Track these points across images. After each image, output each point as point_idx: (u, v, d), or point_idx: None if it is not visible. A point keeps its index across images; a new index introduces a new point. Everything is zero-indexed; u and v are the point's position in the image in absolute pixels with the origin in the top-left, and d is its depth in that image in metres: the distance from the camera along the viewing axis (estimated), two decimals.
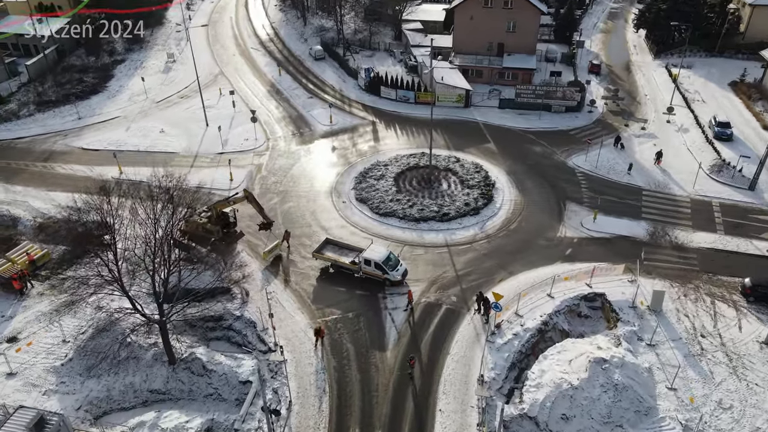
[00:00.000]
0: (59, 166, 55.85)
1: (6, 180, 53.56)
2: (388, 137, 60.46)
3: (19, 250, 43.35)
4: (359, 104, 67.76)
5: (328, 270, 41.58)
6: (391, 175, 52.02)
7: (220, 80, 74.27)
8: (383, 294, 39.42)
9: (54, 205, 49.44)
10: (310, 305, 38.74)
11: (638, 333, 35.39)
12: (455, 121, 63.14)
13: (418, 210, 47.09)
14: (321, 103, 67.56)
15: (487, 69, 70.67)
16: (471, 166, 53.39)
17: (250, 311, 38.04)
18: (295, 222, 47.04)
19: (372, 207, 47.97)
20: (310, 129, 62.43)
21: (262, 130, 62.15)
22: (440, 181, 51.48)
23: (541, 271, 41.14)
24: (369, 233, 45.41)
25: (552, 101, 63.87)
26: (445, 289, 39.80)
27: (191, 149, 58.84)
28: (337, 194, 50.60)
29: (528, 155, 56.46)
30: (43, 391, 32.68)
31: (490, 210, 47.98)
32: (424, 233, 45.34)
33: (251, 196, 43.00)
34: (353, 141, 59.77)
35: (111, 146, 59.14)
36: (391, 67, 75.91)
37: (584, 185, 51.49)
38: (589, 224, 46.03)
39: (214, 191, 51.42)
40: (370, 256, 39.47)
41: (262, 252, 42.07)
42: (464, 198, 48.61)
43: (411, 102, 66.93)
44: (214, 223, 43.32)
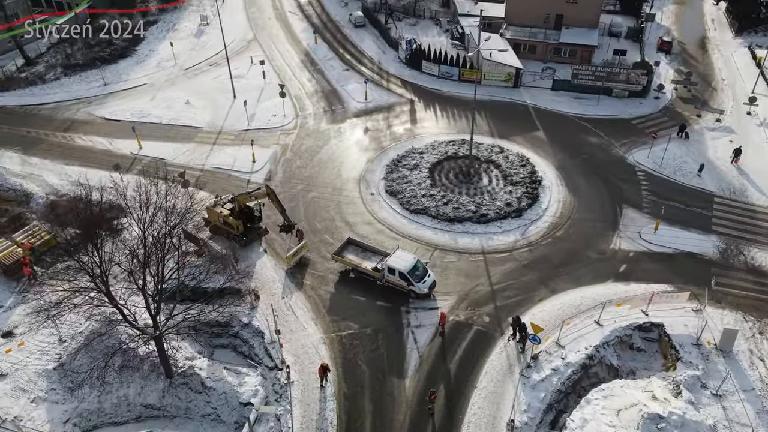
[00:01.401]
0: (79, 137, 53.23)
1: (24, 150, 51.33)
2: (426, 119, 55.13)
3: (27, 231, 41.00)
4: (398, 79, 62.29)
5: (348, 274, 37.56)
6: (426, 165, 47.02)
7: (252, 47, 69.81)
8: (407, 308, 35.22)
9: (69, 181, 47.00)
10: (324, 316, 34.95)
11: (702, 379, 30.13)
12: (502, 104, 57.11)
13: (453, 209, 42.21)
14: (357, 77, 62.42)
15: (541, 44, 63.67)
16: (516, 158, 47.77)
17: (258, 318, 34.59)
18: (317, 215, 42.98)
19: (402, 202, 43.34)
20: (342, 106, 57.64)
21: (291, 106, 57.79)
22: (480, 175, 46.19)
23: (590, 291, 35.98)
24: (396, 232, 40.99)
25: (613, 84, 56.86)
26: (477, 306, 35.24)
27: (215, 124, 55.16)
28: (365, 184, 46.11)
29: (582, 147, 50.29)
30: (32, 398, 30.33)
31: (535, 212, 42.63)
32: (458, 236, 40.56)
33: (273, 194, 38.94)
34: (388, 122, 54.74)
35: (134, 117, 56.11)
36: (436, 38, 69.68)
37: (645, 187, 45.27)
38: (649, 235, 40.21)
39: (235, 174, 47.87)
40: (395, 265, 35.16)
41: (285, 256, 37.99)
42: (506, 197, 43.33)
43: (454, 79, 61.02)
44: (236, 217, 39.59)
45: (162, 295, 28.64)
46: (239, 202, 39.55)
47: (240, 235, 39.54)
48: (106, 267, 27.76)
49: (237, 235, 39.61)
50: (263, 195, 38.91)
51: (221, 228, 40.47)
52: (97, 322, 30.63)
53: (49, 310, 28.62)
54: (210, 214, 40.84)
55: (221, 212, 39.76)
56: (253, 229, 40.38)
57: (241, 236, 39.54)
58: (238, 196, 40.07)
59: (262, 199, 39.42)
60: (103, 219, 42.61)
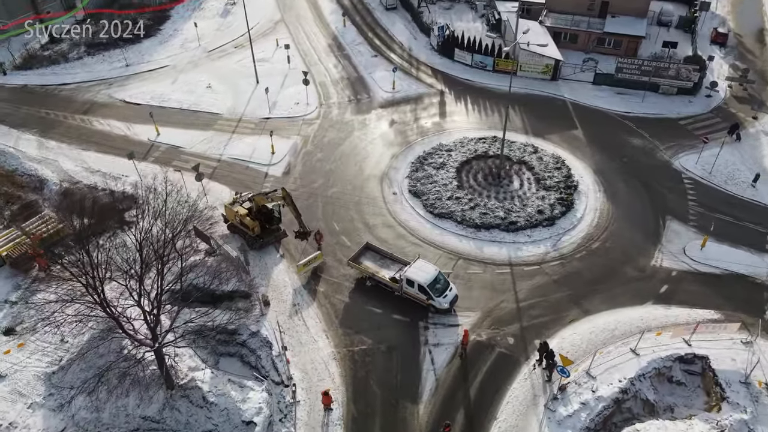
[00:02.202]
0: (97, 121, 51.84)
1: (42, 133, 50.23)
2: (456, 113, 51.96)
3: (37, 221, 39.79)
4: (428, 68, 59.03)
5: (365, 282, 35.27)
6: (454, 164, 44.08)
7: (279, 29, 67.29)
8: (425, 323, 32.82)
9: (84, 168, 45.82)
10: (337, 328, 32.82)
11: (750, 424, 27.08)
12: (538, 98, 53.49)
13: (480, 214, 39.35)
14: (385, 64, 59.39)
15: (584, 33, 59.40)
16: (551, 159, 44.42)
17: (267, 327, 32.67)
18: (336, 214, 40.66)
19: (426, 204, 40.65)
20: (368, 95, 54.83)
21: (315, 93, 55.25)
22: (511, 177, 43.05)
23: (626, 314, 32.94)
24: (418, 237, 38.44)
25: (661, 80, 52.60)
26: (501, 325, 32.61)
27: (236, 111, 53.07)
28: (388, 182, 43.51)
29: (623, 149, 46.58)
30: (29, 404, 29.09)
31: (569, 221, 39.47)
32: (485, 245, 37.78)
33: (288, 197, 36.38)
34: (415, 114, 51.78)
35: (153, 101, 54.46)
36: (470, 24, 65.95)
37: (692, 197, 41.56)
38: (694, 252, 36.77)
39: (252, 165, 45.79)
40: (414, 277, 32.69)
41: (297, 264, 35.49)
42: (538, 203, 40.22)
43: (488, 70, 57.46)
44: (253, 218, 37.21)
45: (161, 307, 26.74)
46: (256, 202, 37.27)
47: (255, 237, 37.30)
48: (101, 274, 25.93)
49: (252, 237, 37.36)
50: (279, 198, 36.57)
51: (238, 228, 38.39)
52: (95, 329, 29.06)
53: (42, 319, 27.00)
54: (227, 212, 38.73)
55: (238, 211, 37.52)
56: (271, 231, 37.93)
57: (256, 238, 37.30)
58: (256, 195, 37.81)
59: (278, 201, 37.09)
60: (115, 210, 41.41)
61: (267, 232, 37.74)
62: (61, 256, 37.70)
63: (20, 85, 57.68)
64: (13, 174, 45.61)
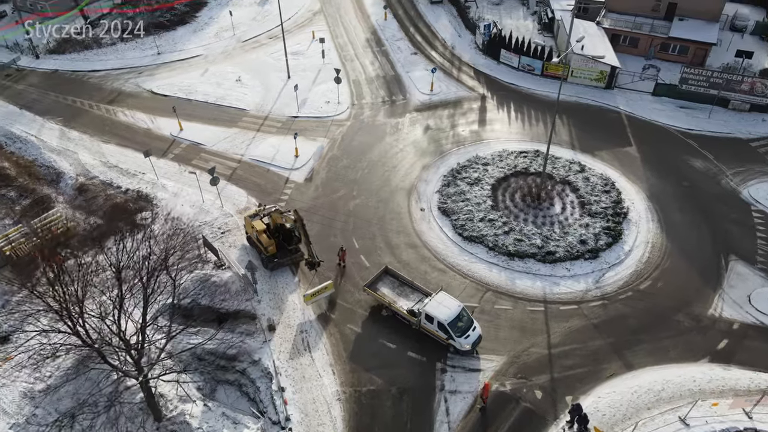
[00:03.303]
0: (122, 112, 50.12)
1: (66, 122, 48.87)
2: (497, 121, 47.80)
3: (47, 218, 38.18)
4: (471, 69, 54.87)
5: (381, 311, 32.06)
6: (490, 180, 40.14)
7: (317, 21, 64.23)
8: (443, 365, 29.39)
9: (101, 162, 44.15)
10: (345, 362, 29.76)
11: None
12: (589, 108, 48.74)
13: (515, 240, 35.43)
14: (425, 63, 55.60)
15: (645, 37, 53.97)
16: (599, 181, 39.91)
17: (270, 356, 29.90)
18: (357, 230, 37.50)
19: (456, 225, 36.98)
20: (404, 97, 51.22)
21: (348, 92, 52.05)
22: (553, 199, 38.81)
23: (676, 372, 28.64)
24: (443, 263, 34.90)
25: (732, 94, 46.99)
26: (529, 373, 28.86)
27: (264, 108, 50.40)
28: (416, 197, 40.01)
29: (683, 172, 41.59)
30: (11, 424, 27.24)
31: (615, 254, 35.11)
32: (517, 276, 33.92)
33: (300, 221, 33.16)
34: (453, 120, 47.91)
35: (181, 93, 52.45)
36: (521, 21, 61.28)
37: (763, 234, 36.47)
38: (762, 302, 31.97)
39: (274, 169, 43.04)
40: (434, 312, 29.26)
41: (304, 294, 31.99)
42: (581, 231, 35.96)
43: (536, 74, 52.89)
44: (270, 235, 33.91)
45: (144, 340, 24.19)
46: (273, 219, 34.15)
47: (270, 257, 34.03)
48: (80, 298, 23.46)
49: (267, 256, 34.10)
50: (291, 219, 33.37)
51: (255, 243, 35.33)
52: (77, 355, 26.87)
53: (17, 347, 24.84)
54: (246, 224, 35.55)
55: (255, 226, 34.18)
56: (288, 252, 34.41)
57: (271, 258, 34.00)
58: (274, 212, 34.52)
59: (289, 223, 33.72)
60: (126, 211, 39.51)
61: (284, 252, 34.27)
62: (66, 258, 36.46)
63: (51, 70, 56.68)
64: (32, 165, 44.40)
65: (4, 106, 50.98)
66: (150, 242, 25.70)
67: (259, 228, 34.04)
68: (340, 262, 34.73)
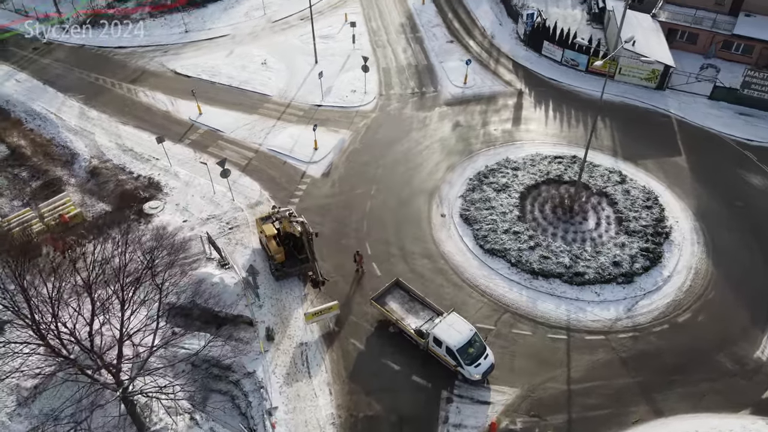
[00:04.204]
0: (143, 92, 48.75)
1: (87, 100, 47.85)
2: (533, 120, 44.30)
3: (56, 202, 37.22)
4: (509, 61, 51.20)
5: (388, 327, 29.76)
6: (519, 187, 37.00)
7: (350, 2, 61.23)
8: (450, 393, 26.98)
9: (117, 144, 42.98)
10: (344, 382, 27.68)
11: None
12: (636, 110, 44.70)
13: (540, 257, 32.41)
14: (460, 53, 52.20)
15: (706, 33, 49.07)
16: (640, 194, 36.28)
17: (266, 369, 28.08)
18: (371, 233, 35.13)
19: (477, 235, 34.15)
20: (435, 89, 48.12)
21: (376, 81, 49.28)
22: (587, 213, 35.45)
23: (712, 423, 25.50)
24: (460, 277, 32.27)
25: None
26: (544, 411, 26.16)
27: (287, 94, 48.18)
28: (438, 201, 37.28)
29: (737, 188, 37.48)
30: None
31: (652, 279, 31.73)
32: (540, 298, 31.01)
33: (307, 234, 30.06)
34: (485, 117, 44.65)
35: (204, 74, 50.73)
36: (568, 11, 56.89)
37: None
38: None
39: (291, 161, 40.93)
40: (443, 336, 26.79)
41: (306, 313, 29.24)
42: (615, 251, 32.62)
43: (580, 69, 48.89)
44: (279, 243, 31.31)
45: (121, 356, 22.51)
46: (284, 225, 31.42)
47: (278, 265, 31.75)
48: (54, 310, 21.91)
49: (275, 264, 31.74)
50: (297, 230, 30.27)
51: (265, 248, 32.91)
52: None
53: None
54: (257, 226, 33.16)
55: (264, 231, 31.72)
56: (299, 262, 31.66)
57: (279, 266, 31.79)
58: (289, 215, 31.63)
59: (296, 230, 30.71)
60: (136, 199, 38.20)
61: (293, 261, 31.66)
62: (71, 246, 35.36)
63: (78, 44, 55.70)
64: (49, 144, 43.62)
65: (29, 80, 50.30)
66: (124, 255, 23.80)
67: (269, 233, 31.59)
68: (359, 268, 32.40)
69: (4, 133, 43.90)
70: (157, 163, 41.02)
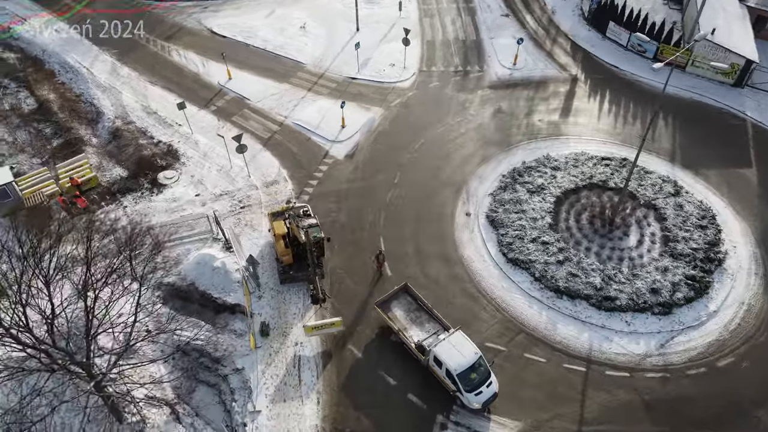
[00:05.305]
0: (176, 51, 47.17)
1: (120, 56, 46.73)
2: (584, 112, 40.01)
3: (73, 163, 36.51)
4: (568, 41, 46.48)
5: (390, 335, 27.60)
6: (556, 190, 33.39)
7: None
8: (445, 419, 24.74)
9: (142, 106, 41.82)
10: (334, 391, 25.86)
11: None
12: (706, 109, 39.64)
13: (568, 273, 29.13)
14: (514, 29, 47.86)
15: None
16: (696, 210, 32.03)
17: (257, 366, 26.62)
18: (388, 228, 32.66)
19: (502, 241, 31.10)
20: (480, 69, 44.23)
21: (418, 55, 45.87)
22: (629, 227, 31.59)
23: None
24: (475, 286, 29.53)
25: None
26: None
27: (322, 62, 45.49)
28: (465, 197, 34.24)
29: None
30: None
31: (694, 312, 28.01)
32: (561, 321, 27.95)
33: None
34: (531, 105, 40.68)
35: (240, 35, 48.67)
36: None
37: None
38: None
39: (315, 138, 38.64)
40: (444, 357, 24.41)
41: (305, 325, 26.77)
42: (656, 276, 28.91)
43: (647, 57, 43.68)
44: (287, 244, 28.77)
45: (90, 348, 21.29)
46: (292, 227, 28.43)
47: (285, 269, 29.34)
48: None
49: (281, 267, 29.38)
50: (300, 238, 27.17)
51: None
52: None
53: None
54: (269, 221, 30.91)
55: (274, 229, 29.37)
56: (307, 267, 28.07)
57: (285, 269, 29.40)
58: (303, 214, 29.24)
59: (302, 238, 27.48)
60: (153, 166, 37.05)
61: (302, 266, 28.94)
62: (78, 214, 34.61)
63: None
64: (77, 100, 42.89)
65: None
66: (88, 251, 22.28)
67: (279, 232, 29.02)
68: (378, 269, 30.04)
69: (36, 85, 43.46)
70: (179, 129, 39.62)
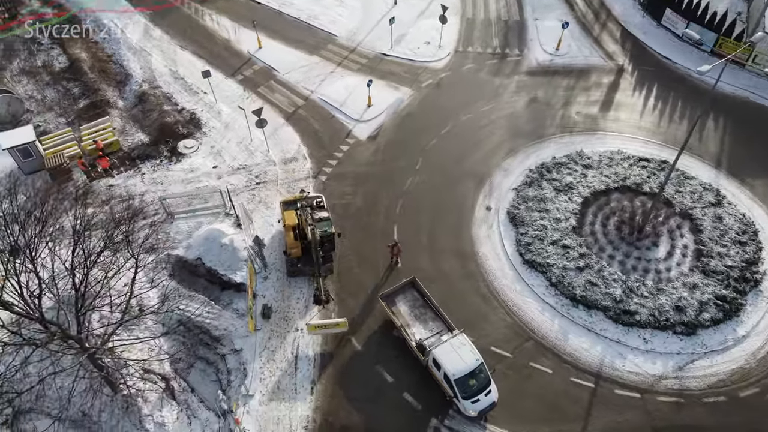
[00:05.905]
0: (209, 15, 46.38)
1: (153, 18, 46.20)
2: (626, 107, 37.46)
3: (97, 126, 36.53)
4: (618, 27, 43.49)
5: (393, 329, 26.75)
6: (585, 190, 31.42)
7: None
8: (439, 423, 23.91)
9: (170, 71, 41.41)
10: (329, 384, 25.30)
11: None
12: (761, 111, 36.66)
13: (587, 282, 27.48)
14: (562, 11, 45.12)
15: None
16: (736, 224, 29.63)
17: (255, 349, 26.30)
18: (403, 216, 31.52)
19: (520, 240, 29.57)
20: (520, 52, 41.88)
21: (456, 34, 43.77)
22: (659, 237, 29.48)
23: None
24: (487, 286, 28.24)
25: None
26: None
27: (355, 36, 43.94)
28: (487, 189, 32.67)
29: None
30: None
31: (720, 335, 26.08)
32: (573, 331, 26.47)
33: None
34: (569, 96, 38.33)
35: (275, 2, 47.38)
36: None
37: None
38: None
39: (339, 116, 37.51)
40: (443, 360, 23.45)
41: (308, 324, 25.76)
42: (682, 293, 26.95)
43: (704, 49, 40.41)
44: (297, 236, 27.52)
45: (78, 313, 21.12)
46: (302, 220, 27.47)
47: (293, 261, 28.17)
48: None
49: (289, 260, 28.27)
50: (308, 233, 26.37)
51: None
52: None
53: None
54: (280, 210, 29.95)
55: (285, 219, 28.11)
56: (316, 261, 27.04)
57: (294, 262, 28.25)
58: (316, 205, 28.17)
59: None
60: (174, 134, 36.74)
61: (310, 260, 27.40)
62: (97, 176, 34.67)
63: None
64: (108, 60, 42.81)
65: None
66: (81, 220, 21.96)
67: (289, 222, 27.82)
68: (394, 259, 29.04)
69: (68, 43, 43.52)
70: (204, 98, 39.06)
